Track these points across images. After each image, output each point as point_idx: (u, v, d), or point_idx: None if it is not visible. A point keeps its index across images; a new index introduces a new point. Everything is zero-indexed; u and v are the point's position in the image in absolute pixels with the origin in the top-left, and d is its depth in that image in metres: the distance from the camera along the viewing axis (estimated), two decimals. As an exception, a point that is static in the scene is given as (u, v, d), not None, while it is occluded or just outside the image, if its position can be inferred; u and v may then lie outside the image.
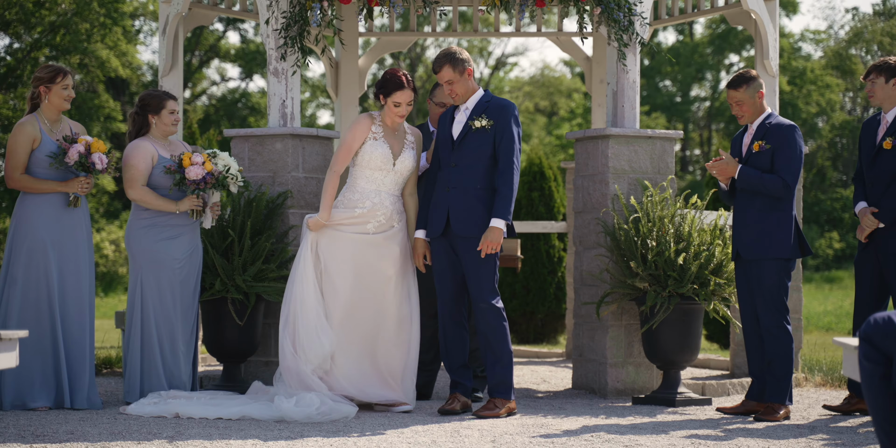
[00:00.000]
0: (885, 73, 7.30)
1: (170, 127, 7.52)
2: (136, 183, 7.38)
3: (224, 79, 35.61)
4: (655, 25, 9.99)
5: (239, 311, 7.82)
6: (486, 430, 6.44)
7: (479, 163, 6.98)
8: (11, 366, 4.22)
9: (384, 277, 7.16)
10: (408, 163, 7.20)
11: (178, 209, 7.37)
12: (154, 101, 7.51)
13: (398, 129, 7.24)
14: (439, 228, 7.03)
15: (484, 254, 6.88)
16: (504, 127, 6.98)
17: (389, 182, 7.20)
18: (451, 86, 7.02)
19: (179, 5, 8.83)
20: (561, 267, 12.57)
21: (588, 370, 8.23)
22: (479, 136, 6.98)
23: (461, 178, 6.98)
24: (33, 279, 7.15)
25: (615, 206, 8.05)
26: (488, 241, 6.86)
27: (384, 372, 7.16)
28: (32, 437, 5.99)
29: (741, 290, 7.20)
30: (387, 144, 7.17)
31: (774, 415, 6.95)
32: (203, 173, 7.31)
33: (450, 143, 7.06)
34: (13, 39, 23.76)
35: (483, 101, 7.07)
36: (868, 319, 4.06)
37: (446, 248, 7.06)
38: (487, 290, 6.96)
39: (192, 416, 6.77)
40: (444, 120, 7.19)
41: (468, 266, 6.98)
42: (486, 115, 6.99)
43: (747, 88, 7.14)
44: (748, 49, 36.85)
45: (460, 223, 6.97)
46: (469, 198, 6.96)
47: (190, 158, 7.31)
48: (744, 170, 7.06)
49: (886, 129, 7.26)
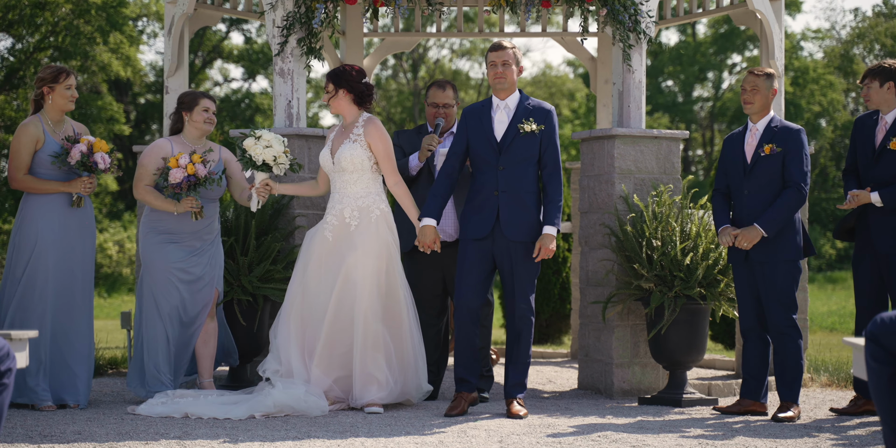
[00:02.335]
0: (879, 77, 7.35)
1: (202, 125, 7.46)
2: (140, 182, 7.38)
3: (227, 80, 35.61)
4: (660, 25, 9.98)
5: (245, 311, 7.82)
6: (494, 430, 6.44)
7: (527, 166, 7.03)
8: (22, 366, 4.23)
9: (350, 282, 7.09)
10: (345, 155, 7.15)
11: (177, 211, 7.34)
12: (188, 98, 7.50)
13: (350, 125, 7.26)
14: (485, 230, 7.02)
15: (539, 259, 6.94)
16: (551, 131, 7.06)
17: (337, 180, 7.23)
18: (504, 66, 7.04)
19: (185, 6, 8.84)
20: (566, 267, 12.55)
21: (594, 370, 8.23)
22: (528, 140, 7.01)
23: (510, 181, 7.00)
24: (35, 278, 7.16)
25: (621, 207, 8.05)
26: (546, 248, 6.92)
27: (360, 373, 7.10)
28: (40, 437, 6.00)
29: (743, 291, 7.22)
30: (329, 146, 7.25)
31: (789, 413, 6.97)
32: (182, 176, 7.20)
33: (493, 143, 7.04)
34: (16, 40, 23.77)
35: (524, 102, 7.08)
36: (875, 319, 4.06)
37: (486, 250, 7.04)
38: (529, 290, 7.05)
39: (200, 416, 6.78)
40: (474, 117, 7.11)
41: (518, 269, 7.01)
42: (534, 120, 7.02)
43: (767, 79, 7.22)
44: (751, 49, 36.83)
45: (513, 228, 6.99)
46: (520, 201, 7.00)
47: (177, 160, 7.23)
48: (765, 223, 7.04)
49: (888, 130, 7.28)
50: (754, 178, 7.15)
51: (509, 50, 7.06)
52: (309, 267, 7.18)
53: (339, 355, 7.13)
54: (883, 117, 7.36)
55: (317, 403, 6.92)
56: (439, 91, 7.81)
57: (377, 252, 7.13)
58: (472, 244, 7.06)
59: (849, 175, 7.51)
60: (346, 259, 7.10)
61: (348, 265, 7.09)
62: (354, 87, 7.22)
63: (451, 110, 7.79)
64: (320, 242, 7.17)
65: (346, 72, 7.24)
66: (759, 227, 7.05)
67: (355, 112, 7.29)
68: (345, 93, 7.22)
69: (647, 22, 8.22)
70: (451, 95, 7.81)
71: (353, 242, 7.11)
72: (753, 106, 7.22)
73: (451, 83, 7.93)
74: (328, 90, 7.26)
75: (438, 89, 7.82)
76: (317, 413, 6.89)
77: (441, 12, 8.73)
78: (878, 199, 7.21)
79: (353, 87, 7.21)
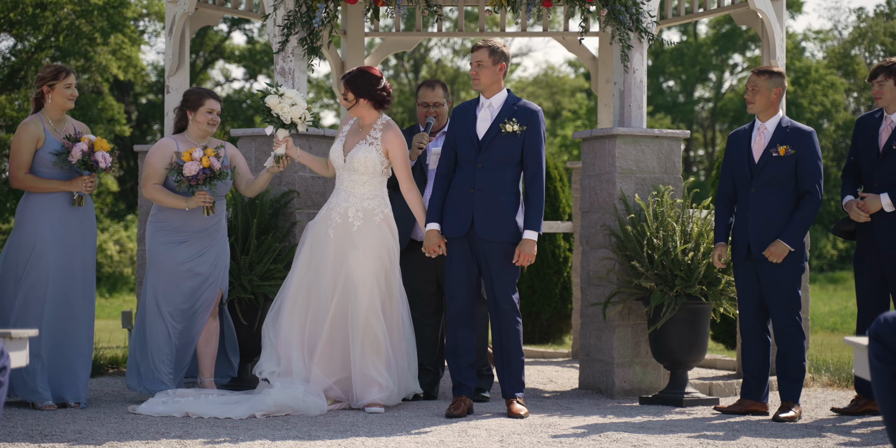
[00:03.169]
0: (893, 75, 7.28)
1: (205, 126, 7.43)
2: (149, 181, 7.37)
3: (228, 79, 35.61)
4: (661, 25, 9.97)
5: (246, 310, 7.81)
6: (494, 429, 6.44)
7: (506, 166, 6.96)
8: (22, 365, 4.22)
9: (350, 282, 7.08)
10: (359, 156, 7.13)
11: (188, 206, 7.31)
12: (193, 97, 7.46)
13: (366, 126, 7.23)
14: (462, 229, 6.99)
15: (519, 264, 6.90)
16: (535, 133, 6.98)
17: (345, 179, 7.19)
18: (479, 67, 6.99)
19: (186, 5, 8.83)
20: (566, 267, 12.55)
21: (595, 370, 8.22)
22: (509, 140, 6.96)
23: (487, 181, 6.95)
24: (35, 278, 7.16)
25: (622, 206, 8.05)
26: (525, 253, 6.88)
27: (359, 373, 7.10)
28: (41, 436, 5.99)
29: (744, 289, 7.20)
30: (342, 141, 7.20)
31: (791, 413, 6.96)
32: (197, 169, 7.18)
33: (475, 141, 7.01)
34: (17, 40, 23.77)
35: (510, 102, 7.03)
36: (878, 318, 4.04)
37: (466, 249, 7.02)
38: (511, 291, 6.98)
39: (201, 415, 6.77)
40: (461, 115, 7.10)
41: (494, 269, 6.96)
42: (517, 120, 6.97)
43: (768, 79, 7.18)
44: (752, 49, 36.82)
45: (487, 227, 6.94)
46: (496, 201, 6.94)
47: (191, 154, 7.21)
48: (789, 239, 7.01)
49: (894, 130, 7.25)
50: (763, 176, 7.12)
51: (484, 49, 6.99)
52: (310, 264, 7.17)
53: (339, 355, 7.13)
54: (888, 117, 7.31)
55: (315, 403, 6.92)
56: (429, 90, 7.85)
57: (378, 253, 7.12)
58: (453, 243, 7.05)
59: (848, 176, 7.47)
60: (347, 258, 7.09)
61: (349, 264, 7.08)
62: (375, 96, 7.17)
63: (441, 109, 7.82)
64: (322, 239, 7.16)
65: (366, 80, 7.15)
66: (785, 242, 7.03)
67: (375, 115, 7.24)
68: (365, 101, 7.19)
69: (648, 21, 8.22)
70: (441, 94, 7.84)
71: (354, 242, 7.10)
72: (755, 105, 7.21)
73: (440, 82, 7.96)
74: (348, 98, 7.18)
75: (428, 88, 7.86)
76: (316, 412, 6.89)
77: (440, 15, 8.70)
78: (888, 202, 7.18)
79: (374, 95, 7.16)
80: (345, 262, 7.09)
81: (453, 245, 7.04)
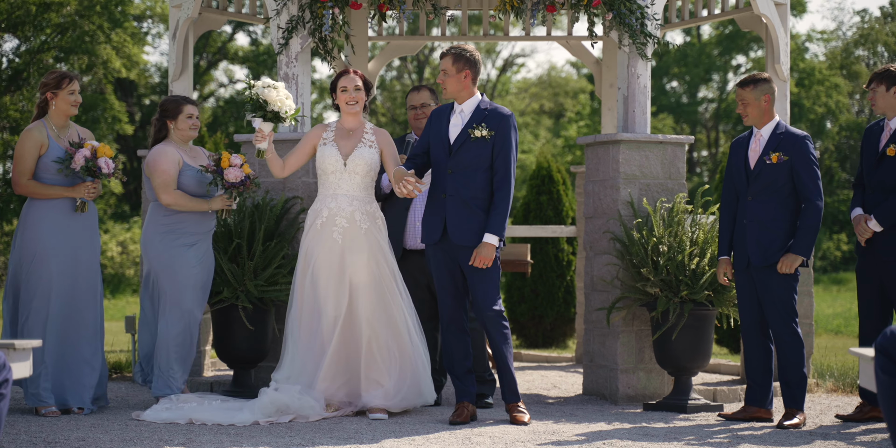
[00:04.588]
0: (885, 82, 7.31)
1: (187, 131, 7.52)
2: (169, 187, 7.38)
3: (232, 81, 35.63)
4: (665, 29, 9.95)
5: (250, 316, 7.80)
6: (498, 436, 6.43)
7: (476, 171, 6.95)
8: (25, 375, 4.22)
9: (356, 287, 7.10)
10: (361, 160, 7.16)
11: (211, 208, 7.41)
12: (171, 105, 7.52)
13: (356, 130, 7.25)
14: (436, 235, 7.00)
15: (477, 265, 6.87)
16: (504, 138, 6.96)
17: (345, 183, 7.19)
18: (443, 75, 7.03)
19: (189, 10, 8.82)
20: (570, 271, 12.54)
21: (599, 376, 8.21)
22: (478, 145, 6.95)
23: (457, 186, 6.95)
24: (38, 283, 7.15)
25: (626, 212, 8.03)
26: (481, 256, 6.86)
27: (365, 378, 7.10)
28: (44, 443, 5.99)
29: (744, 297, 7.21)
30: (335, 146, 7.20)
31: (795, 420, 6.95)
32: (242, 176, 7.33)
33: (446, 146, 7.02)
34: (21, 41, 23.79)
35: (481, 108, 7.03)
36: (884, 331, 4.04)
37: (444, 255, 7.02)
38: (492, 297, 6.96)
39: (205, 422, 6.77)
40: (437, 118, 7.12)
41: (471, 275, 6.96)
42: (485, 125, 6.96)
43: (753, 89, 7.16)
44: (755, 50, 36.80)
45: (459, 232, 6.94)
46: (466, 206, 6.93)
47: (229, 160, 7.32)
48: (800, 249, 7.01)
49: (890, 136, 7.26)
50: (758, 184, 7.12)
51: (448, 57, 7.02)
52: (320, 272, 7.13)
53: (345, 359, 7.12)
54: (887, 123, 7.33)
55: (310, 403, 6.93)
56: (415, 93, 7.97)
57: (385, 255, 7.17)
58: (431, 249, 7.06)
59: (857, 187, 7.48)
60: (354, 263, 7.10)
61: (355, 269, 7.08)
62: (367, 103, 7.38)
63: (429, 110, 7.84)
64: (329, 245, 7.14)
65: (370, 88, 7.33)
66: (795, 254, 7.02)
67: (362, 120, 7.35)
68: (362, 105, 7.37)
69: (653, 25, 8.20)
70: (428, 96, 7.92)
71: (361, 246, 7.12)
72: (749, 118, 7.22)
73: (426, 86, 8.05)
74: (359, 102, 7.29)
75: (414, 92, 7.99)
76: (311, 413, 6.89)
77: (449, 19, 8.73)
78: (876, 224, 7.20)
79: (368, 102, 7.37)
80: (351, 267, 7.10)
81: (432, 252, 7.06)
